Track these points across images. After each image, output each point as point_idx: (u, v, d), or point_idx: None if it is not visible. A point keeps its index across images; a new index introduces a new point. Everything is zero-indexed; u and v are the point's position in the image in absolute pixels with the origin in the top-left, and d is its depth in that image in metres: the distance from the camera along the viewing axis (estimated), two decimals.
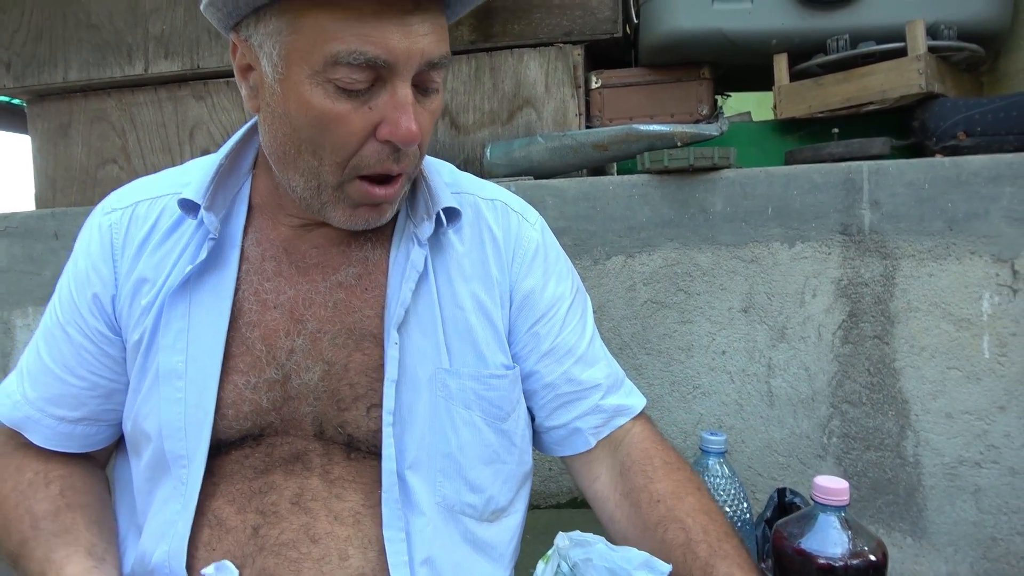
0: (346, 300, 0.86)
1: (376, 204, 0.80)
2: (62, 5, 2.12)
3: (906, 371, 1.44)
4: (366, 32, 0.70)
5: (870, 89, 1.53)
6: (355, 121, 0.74)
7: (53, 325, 0.89)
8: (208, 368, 0.83)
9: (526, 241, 0.94)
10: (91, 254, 0.88)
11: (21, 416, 0.89)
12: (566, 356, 0.92)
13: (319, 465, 0.84)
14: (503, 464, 0.89)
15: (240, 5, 0.74)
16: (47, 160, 2.21)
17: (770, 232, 1.48)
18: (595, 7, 1.81)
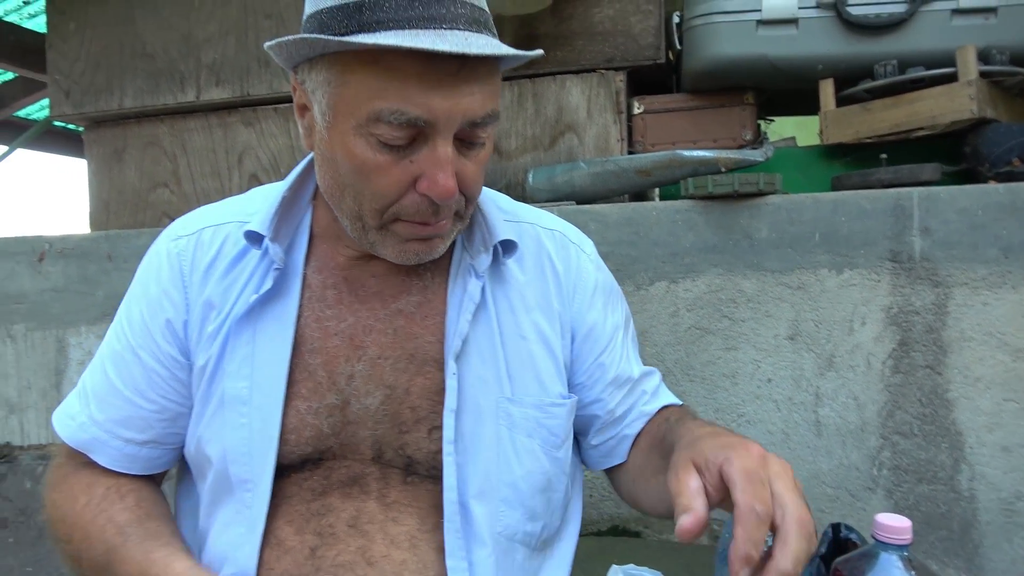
0: (406, 327, 0.87)
1: (425, 239, 0.81)
2: (119, 35, 2.20)
3: (960, 402, 1.41)
4: (409, 93, 0.71)
5: (920, 115, 1.51)
6: (395, 173, 0.75)
7: (123, 348, 0.89)
8: (272, 394, 0.84)
9: (586, 274, 0.95)
10: (161, 280, 0.89)
11: (88, 437, 0.89)
12: (627, 382, 0.95)
13: (376, 489, 0.85)
14: (555, 492, 0.90)
15: (293, 55, 0.76)
16: (102, 184, 2.28)
17: (817, 259, 1.46)
18: (638, 34, 1.82)
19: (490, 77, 0.76)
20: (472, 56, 0.71)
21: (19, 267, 1.94)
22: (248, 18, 2.08)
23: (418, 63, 0.71)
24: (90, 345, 1.89)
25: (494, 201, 0.95)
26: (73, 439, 0.89)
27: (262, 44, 2.10)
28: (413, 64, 0.71)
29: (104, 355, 0.91)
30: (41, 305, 1.93)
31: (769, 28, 1.62)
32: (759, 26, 1.62)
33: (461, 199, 0.80)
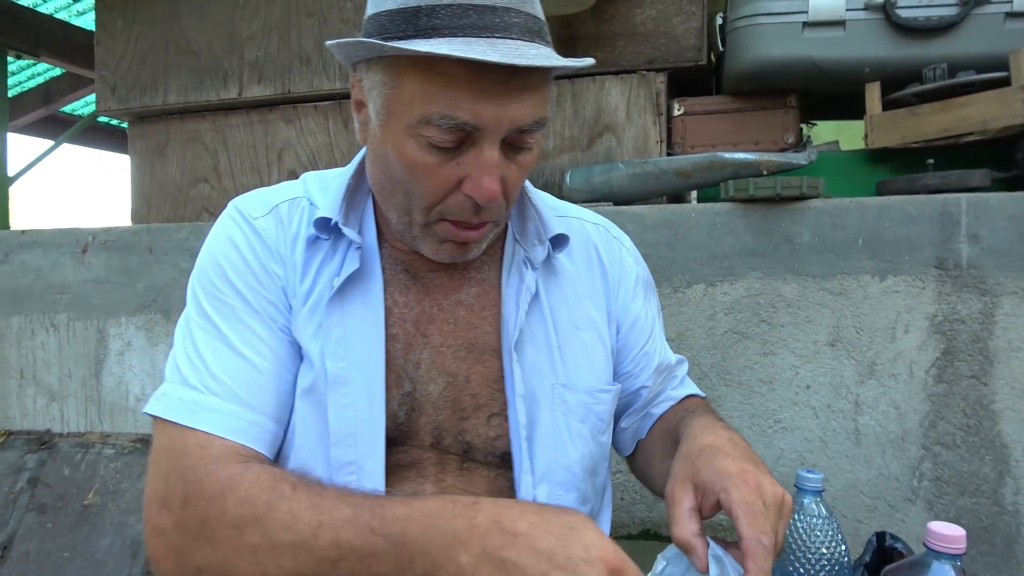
0: (466, 318, 0.90)
1: (461, 243, 0.84)
2: (165, 33, 2.24)
3: (1006, 414, 1.37)
4: (459, 99, 0.73)
5: (970, 120, 1.48)
6: (442, 174, 0.78)
7: (253, 324, 0.84)
8: (374, 376, 0.85)
9: (628, 267, 1.00)
10: (258, 255, 0.87)
11: (245, 424, 0.82)
12: (666, 369, 1.02)
13: (433, 473, 0.87)
14: (598, 476, 0.93)
15: (352, 55, 0.80)
16: (144, 178, 2.32)
17: (860, 264, 1.43)
18: (680, 35, 1.80)
19: (540, 86, 0.77)
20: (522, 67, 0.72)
21: (63, 258, 1.98)
22: (291, 16, 2.11)
23: (470, 71, 0.72)
24: (129, 336, 1.92)
25: (541, 197, 0.98)
26: (233, 431, 0.80)
27: (304, 42, 2.13)
28: (465, 72, 0.72)
29: (224, 339, 0.84)
30: (83, 296, 1.97)
31: (815, 30, 1.59)
32: (805, 28, 1.60)
33: (502, 202, 0.81)
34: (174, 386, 0.83)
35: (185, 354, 0.85)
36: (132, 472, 1.88)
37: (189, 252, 1.87)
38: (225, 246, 0.88)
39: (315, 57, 2.09)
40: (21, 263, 2.02)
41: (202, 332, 0.85)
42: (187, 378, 0.83)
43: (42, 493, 1.93)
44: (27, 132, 4.80)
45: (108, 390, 1.96)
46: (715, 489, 0.71)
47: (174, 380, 0.84)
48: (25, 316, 2.02)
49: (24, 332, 2.03)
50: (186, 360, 0.84)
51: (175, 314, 1.88)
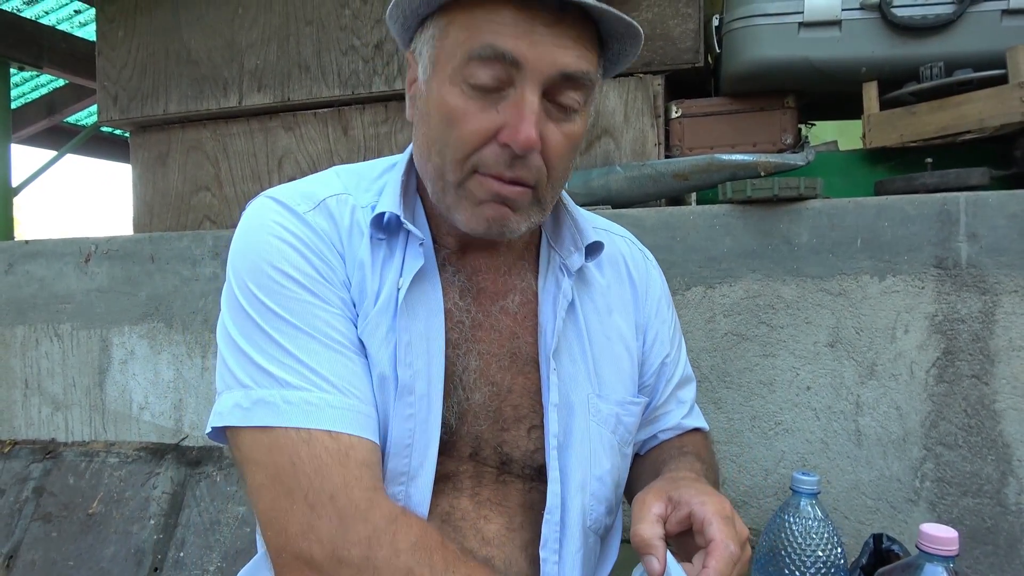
0: (511, 326, 0.88)
1: (498, 202, 0.79)
2: (165, 43, 2.26)
3: (1008, 413, 1.36)
4: (502, 31, 0.73)
5: (968, 118, 1.47)
6: (480, 120, 0.76)
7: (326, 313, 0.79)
8: (435, 383, 0.81)
9: (654, 281, 1.02)
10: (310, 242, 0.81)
11: (364, 417, 0.77)
12: (671, 382, 1.01)
13: (469, 487, 0.86)
14: (621, 487, 0.94)
15: (409, 14, 0.80)
16: (146, 187, 2.34)
17: (859, 264, 1.43)
18: (676, 37, 1.80)
19: (588, 43, 0.77)
20: (569, 9, 0.73)
21: (66, 268, 2.00)
22: (290, 25, 2.12)
23: (515, 10, 0.73)
24: (132, 345, 1.93)
25: (577, 208, 0.97)
26: (354, 425, 0.75)
27: (303, 50, 2.14)
28: (511, 11, 0.73)
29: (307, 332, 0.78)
30: (86, 305, 1.98)
31: (811, 30, 1.59)
32: (801, 28, 1.60)
33: (543, 169, 0.79)
34: (267, 391, 0.75)
35: (266, 357, 0.76)
36: (136, 480, 1.89)
37: (191, 260, 1.88)
38: (275, 240, 0.81)
39: (314, 65, 2.10)
40: (25, 273, 2.03)
41: (279, 332, 0.77)
42: (285, 379, 0.75)
43: (47, 502, 1.94)
44: (31, 143, 4.83)
45: (112, 399, 1.97)
46: (691, 502, 0.72)
47: (263, 384, 0.75)
48: (29, 326, 2.03)
49: (28, 342, 2.04)
50: (272, 362, 0.76)
51: (177, 322, 1.90)
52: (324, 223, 0.83)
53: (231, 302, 0.81)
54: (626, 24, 0.77)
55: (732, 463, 1.51)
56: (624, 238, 1.04)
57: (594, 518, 0.88)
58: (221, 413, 0.77)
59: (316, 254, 0.81)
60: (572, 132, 0.79)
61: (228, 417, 0.76)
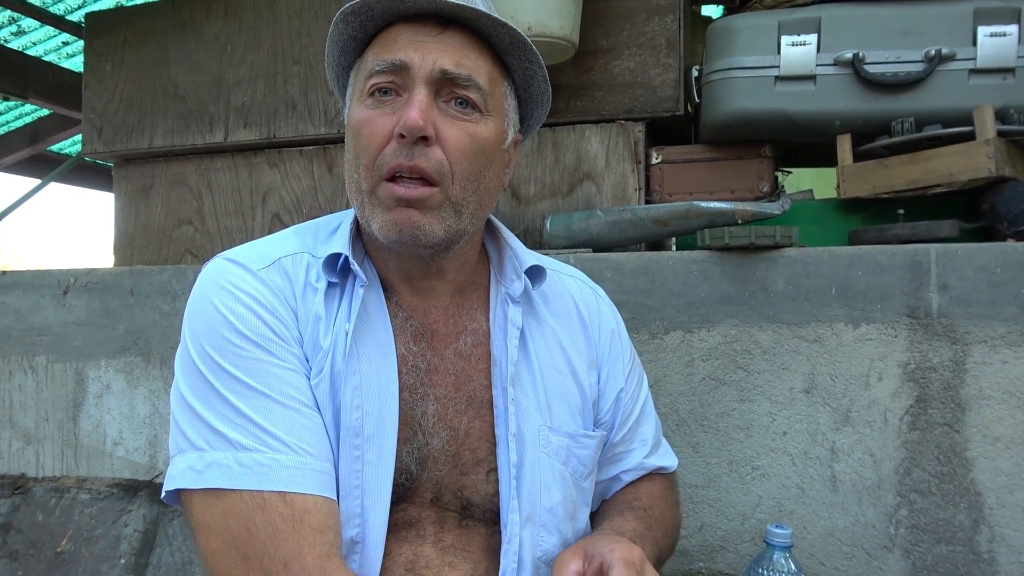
0: (464, 369, 0.91)
1: (404, 206, 0.83)
2: (152, 77, 2.27)
3: (979, 461, 1.38)
4: (395, 46, 0.85)
5: (937, 172, 1.52)
6: (380, 123, 0.85)
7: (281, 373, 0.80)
8: (387, 425, 0.83)
9: (605, 318, 1.04)
10: (269, 305, 0.83)
11: (319, 475, 0.77)
12: (627, 419, 1.03)
13: (432, 532, 0.86)
14: (578, 521, 0.94)
15: (338, 72, 0.93)
16: (128, 219, 2.33)
17: (834, 312, 1.46)
18: (657, 86, 1.85)
19: (470, 49, 0.86)
20: (452, 26, 0.85)
21: (44, 300, 1.98)
22: (278, 63, 2.15)
23: (405, 26, 0.86)
24: (108, 379, 1.91)
25: (517, 240, 1.01)
26: (308, 484, 0.76)
27: (290, 88, 2.16)
28: (401, 27, 0.86)
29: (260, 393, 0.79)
30: (63, 338, 1.96)
31: (787, 84, 1.64)
32: (777, 82, 1.64)
33: (444, 164, 0.83)
34: (221, 453, 0.75)
35: (220, 418, 0.77)
36: (107, 518, 1.86)
37: (171, 295, 1.87)
38: (229, 301, 0.82)
39: (300, 103, 2.12)
40: (1, 305, 2.01)
41: (233, 392, 0.78)
42: (238, 441, 0.75)
43: (14, 540, 1.89)
44: (13, 171, 4.80)
45: (85, 434, 1.94)
46: (602, 551, 0.75)
47: (217, 447, 0.75)
48: (3, 358, 2.01)
49: (2, 374, 2.01)
50: (226, 423, 0.76)
51: (155, 357, 1.88)
52: (279, 280, 0.86)
53: (185, 364, 0.82)
54: (508, 31, 0.85)
55: (710, 507, 1.51)
56: (573, 277, 1.07)
57: (544, 549, 0.88)
58: (174, 476, 0.77)
59: (270, 311, 0.82)
60: (472, 132, 0.85)
61: (180, 480, 0.76)
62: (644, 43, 1.86)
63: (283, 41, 2.14)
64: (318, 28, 2.11)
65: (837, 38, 1.62)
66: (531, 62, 0.90)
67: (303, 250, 0.91)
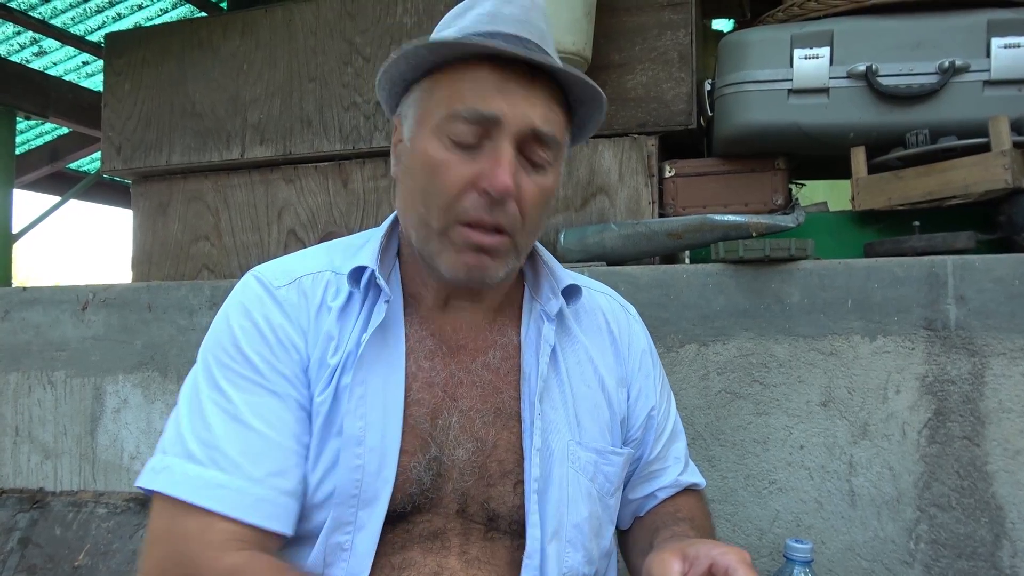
0: (493, 381, 0.92)
1: (477, 251, 0.84)
2: (171, 96, 2.31)
3: (1000, 475, 1.37)
4: (484, 93, 0.82)
5: (953, 183, 1.51)
6: (459, 170, 0.83)
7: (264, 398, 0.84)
8: (389, 437, 0.85)
9: (636, 336, 1.05)
10: (276, 326, 0.87)
11: (252, 500, 0.80)
12: (660, 437, 1.03)
13: (457, 544, 0.87)
14: (603, 539, 0.94)
15: (396, 80, 0.88)
16: (146, 235, 2.36)
17: (850, 325, 1.45)
18: (670, 100, 1.86)
19: (556, 104, 0.85)
20: (540, 75, 0.82)
21: (63, 315, 2.00)
22: (293, 81, 2.17)
23: (494, 72, 0.82)
24: (126, 394, 1.93)
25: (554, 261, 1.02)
26: (236, 507, 0.79)
27: (305, 106, 2.19)
28: (490, 73, 0.82)
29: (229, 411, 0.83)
30: (81, 353, 1.98)
31: (800, 97, 1.64)
32: (790, 95, 1.65)
33: (518, 218, 0.84)
34: (177, 460, 0.81)
35: (192, 426, 0.82)
36: (124, 532, 1.87)
37: (188, 310, 1.89)
38: (242, 316, 0.88)
39: (316, 120, 2.15)
40: (21, 320, 2.04)
41: (212, 404, 0.83)
42: (193, 452, 0.80)
43: (32, 554, 1.91)
44: (33, 188, 4.87)
45: (103, 448, 1.95)
46: (711, 553, 0.75)
47: (177, 453, 0.81)
48: (23, 373, 2.03)
49: (21, 389, 2.03)
50: (192, 433, 0.82)
51: (172, 372, 1.89)
52: (295, 298, 0.89)
53: (193, 368, 0.89)
54: (591, 89, 0.85)
55: (727, 522, 1.50)
56: (604, 294, 1.08)
57: (569, 566, 0.88)
58: (141, 473, 0.84)
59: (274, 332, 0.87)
60: (544, 185, 0.86)
61: (142, 477, 0.83)
62: (656, 58, 1.87)
63: (299, 59, 2.17)
64: (333, 46, 2.14)
65: (850, 51, 1.62)
66: (600, 112, 0.90)
67: (327, 268, 0.93)
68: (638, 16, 1.88)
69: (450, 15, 0.91)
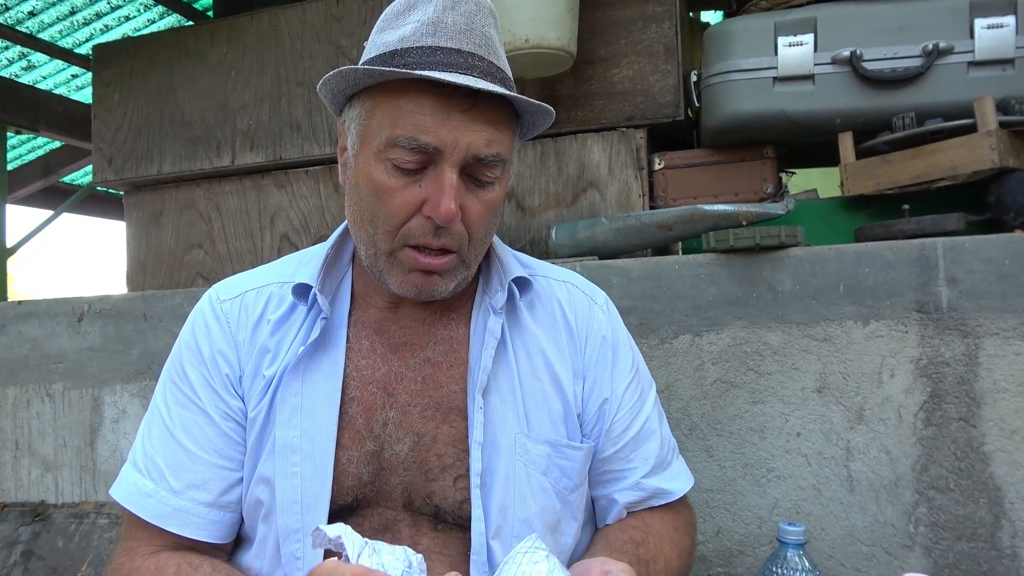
0: (433, 375, 0.92)
1: (426, 273, 0.86)
2: (160, 105, 2.31)
3: (997, 455, 1.37)
4: (423, 122, 0.80)
5: (940, 165, 1.51)
6: (404, 195, 0.83)
7: (191, 413, 0.91)
8: (323, 443, 0.87)
9: (596, 324, 1.00)
10: (213, 341, 0.93)
11: (170, 510, 0.88)
12: (622, 435, 0.98)
13: (408, 536, 0.88)
14: (563, 535, 0.92)
15: (335, 93, 0.87)
16: (139, 245, 2.36)
17: (843, 310, 1.45)
18: (656, 93, 1.86)
19: (500, 123, 0.84)
20: (482, 95, 0.80)
21: (59, 328, 2.00)
22: (281, 86, 2.17)
23: (434, 98, 0.80)
24: (124, 404, 1.93)
25: (512, 254, 1.02)
26: (154, 514, 0.88)
27: (294, 110, 2.19)
28: (430, 98, 0.80)
29: (167, 424, 0.92)
30: (79, 364, 1.98)
31: (786, 84, 1.64)
32: (776, 83, 1.65)
33: (464, 236, 0.85)
34: (129, 467, 0.92)
35: (142, 437, 0.93)
36: None
37: (183, 318, 1.87)
38: (188, 332, 0.96)
39: (305, 124, 2.15)
40: (18, 334, 2.04)
41: (157, 416, 0.93)
42: (136, 461, 0.92)
43: (35, 567, 1.91)
44: (27, 203, 4.88)
45: (103, 459, 1.95)
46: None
47: (131, 461, 0.93)
48: (21, 387, 2.03)
49: (20, 403, 2.03)
50: (140, 443, 0.92)
51: None
52: (234, 313, 0.94)
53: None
54: (536, 105, 0.85)
55: (726, 511, 1.50)
56: (566, 283, 1.03)
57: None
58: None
59: (209, 346, 0.93)
60: (490, 199, 0.87)
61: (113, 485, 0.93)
62: (642, 51, 1.87)
63: (286, 64, 2.17)
64: (320, 50, 2.14)
65: (834, 37, 1.62)
66: (545, 119, 0.89)
67: (274, 280, 0.97)
68: (622, 10, 1.89)
69: (391, 12, 0.87)
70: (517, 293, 0.94)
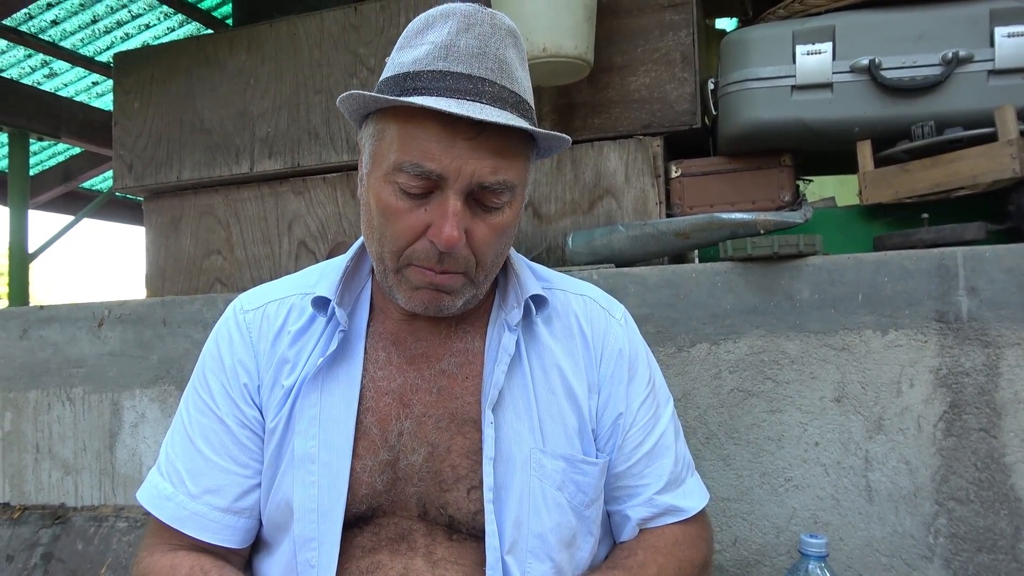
0: (449, 387, 0.93)
1: (434, 289, 0.87)
2: (179, 112, 2.33)
3: (1018, 467, 1.36)
4: (428, 148, 0.81)
5: (960, 174, 1.51)
6: (410, 219, 0.84)
7: (210, 420, 0.94)
8: (340, 453, 0.89)
9: (612, 338, 1.00)
10: (235, 350, 0.96)
11: (187, 514, 0.92)
12: (635, 451, 0.97)
13: (423, 545, 0.88)
14: (579, 550, 0.92)
15: (351, 111, 0.88)
16: (159, 251, 2.39)
17: (861, 319, 1.44)
18: (673, 100, 1.86)
19: (508, 150, 0.84)
20: (489, 126, 0.80)
21: (80, 332, 2.03)
22: (300, 94, 2.19)
23: (440, 125, 0.80)
24: (143, 408, 1.95)
25: (531, 268, 1.02)
26: (173, 517, 0.92)
27: (312, 118, 2.21)
28: (436, 125, 0.81)
29: (187, 431, 0.95)
30: (99, 369, 2.00)
31: (804, 93, 1.64)
32: (794, 91, 1.64)
33: (471, 259, 0.86)
34: (153, 471, 0.96)
35: (168, 442, 0.96)
36: None
37: (202, 324, 1.91)
38: (212, 341, 0.99)
39: (323, 132, 2.17)
40: (39, 338, 2.07)
41: (180, 423, 0.96)
42: (160, 465, 0.95)
43: (55, 569, 1.93)
44: (48, 208, 4.94)
45: (122, 463, 1.97)
46: None
47: (156, 465, 0.96)
48: (42, 390, 2.05)
49: (41, 406, 2.06)
50: (165, 448, 0.96)
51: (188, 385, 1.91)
52: (256, 323, 0.97)
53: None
54: (547, 135, 0.85)
55: (743, 521, 1.50)
56: (584, 296, 1.02)
57: None
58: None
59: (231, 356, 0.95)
60: (498, 223, 0.86)
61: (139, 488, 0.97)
62: (659, 59, 1.87)
63: (304, 72, 2.19)
64: (338, 58, 2.16)
65: (852, 45, 1.62)
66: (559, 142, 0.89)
67: (296, 292, 0.99)
68: (639, 18, 1.89)
69: (411, 30, 0.88)
70: (534, 309, 0.95)
